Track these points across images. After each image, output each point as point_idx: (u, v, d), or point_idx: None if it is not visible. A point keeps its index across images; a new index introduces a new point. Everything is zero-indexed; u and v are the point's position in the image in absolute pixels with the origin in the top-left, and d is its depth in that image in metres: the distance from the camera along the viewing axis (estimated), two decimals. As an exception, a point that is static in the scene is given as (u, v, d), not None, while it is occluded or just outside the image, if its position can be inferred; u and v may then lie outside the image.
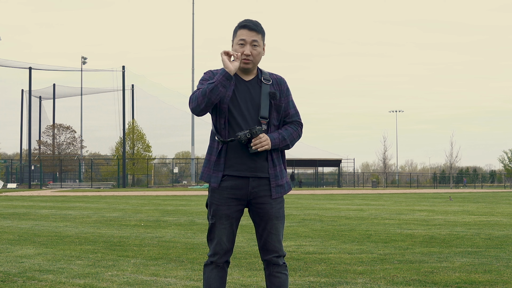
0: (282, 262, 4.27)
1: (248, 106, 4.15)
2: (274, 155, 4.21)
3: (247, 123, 4.13)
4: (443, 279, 6.77)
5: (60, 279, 6.77)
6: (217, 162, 4.17)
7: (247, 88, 4.18)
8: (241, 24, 4.17)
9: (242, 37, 4.14)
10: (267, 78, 4.23)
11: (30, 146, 74.91)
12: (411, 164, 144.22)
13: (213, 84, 3.99)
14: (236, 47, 4.16)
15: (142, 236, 11.40)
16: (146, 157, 78.50)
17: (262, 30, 4.21)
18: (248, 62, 4.15)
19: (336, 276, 6.97)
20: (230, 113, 4.14)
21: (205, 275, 4.24)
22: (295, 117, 4.31)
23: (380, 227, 13.54)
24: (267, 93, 4.18)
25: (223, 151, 4.15)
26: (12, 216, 17.35)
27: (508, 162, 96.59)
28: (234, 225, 4.20)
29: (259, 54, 4.18)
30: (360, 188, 73.95)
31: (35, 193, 42.88)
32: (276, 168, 4.21)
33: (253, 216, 4.24)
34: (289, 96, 4.30)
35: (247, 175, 4.14)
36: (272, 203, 4.19)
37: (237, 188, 4.14)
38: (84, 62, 74.88)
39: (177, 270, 7.37)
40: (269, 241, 4.22)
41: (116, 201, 28.46)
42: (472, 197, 36.15)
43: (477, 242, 10.47)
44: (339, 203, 25.98)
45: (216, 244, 4.19)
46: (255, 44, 4.15)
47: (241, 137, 4.05)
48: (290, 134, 4.23)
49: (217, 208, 4.17)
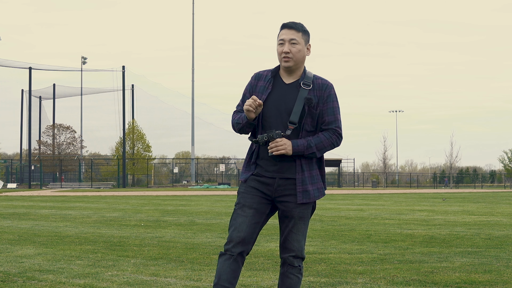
0: (298, 264, 4.25)
1: (281, 110, 4.15)
2: (303, 160, 4.17)
3: (276, 126, 4.15)
4: (443, 279, 6.77)
5: (60, 279, 6.77)
6: (249, 162, 4.26)
7: (284, 91, 4.19)
8: (282, 24, 4.24)
9: (282, 36, 4.21)
10: (307, 83, 4.18)
11: (30, 146, 74.90)
12: (411, 164, 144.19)
13: (240, 125, 4.21)
14: (277, 47, 4.22)
15: (142, 236, 11.40)
16: (146, 157, 78.50)
17: (303, 29, 4.23)
18: (288, 59, 4.16)
19: (336, 276, 6.97)
20: (263, 115, 4.18)
21: (218, 266, 4.20)
22: (332, 124, 4.21)
23: (380, 227, 13.54)
24: (303, 98, 4.14)
25: (255, 152, 4.24)
26: (12, 216, 17.34)
27: (508, 162, 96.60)
28: (256, 217, 4.17)
29: (299, 51, 4.17)
30: (360, 188, 73.93)
31: (35, 193, 42.85)
32: (305, 173, 4.18)
33: (279, 214, 4.29)
34: (330, 103, 4.22)
35: (274, 175, 4.18)
36: (296, 205, 4.20)
37: (263, 183, 4.19)
38: (84, 62, 74.86)
39: (177, 270, 7.37)
40: (289, 240, 4.23)
41: (116, 201, 28.45)
42: (472, 197, 36.15)
43: (477, 242, 10.47)
44: (339, 203, 25.97)
45: (233, 231, 4.17)
46: (294, 42, 4.17)
47: (259, 140, 4.13)
48: (321, 141, 4.16)
49: (242, 196, 4.23)
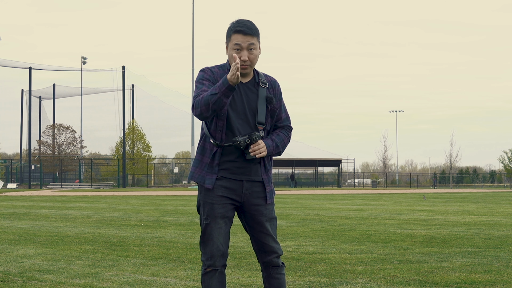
0: (281, 262, 4.24)
1: (246, 111, 4.06)
2: (266, 160, 4.17)
3: (244, 128, 4.05)
4: (443, 279, 6.77)
5: (60, 279, 6.77)
6: (210, 164, 4.07)
7: (244, 91, 4.08)
8: (235, 28, 4.00)
9: (237, 41, 3.99)
10: (264, 81, 4.13)
11: (30, 146, 74.91)
12: (411, 164, 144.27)
13: (216, 96, 3.83)
14: (231, 52, 4.00)
15: (142, 236, 11.40)
16: (146, 157, 78.49)
17: (257, 31, 4.05)
18: (246, 67, 4.04)
19: (336, 276, 6.97)
20: (228, 117, 4.03)
21: (205, 284, 4.07)
22: (286, 121, 4.25)
23: (380, 227, 13.54)
24: (264, 97, 4.09)
25: (217, 154, 4.06)
26: (12, 216, 17.34)
27: (508, 162, 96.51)
28: (229, 225, 4.11)
29: (256, 57, 4.06)
30: (360, 188, 73.94)
31: (35, 193, 42.86)
32: (268, 173, 4.19)
33: (246, 219, 4.17)
34: (282, 100, 4.22)
35: (242, 178, 4.09)
36: (266, 206, 4.16)
37: (231, 189, 4.08)
38: (84, 62, 74.87)
39: (177, 270, 7.37)
40: (266, 243, 4.16)
41: (116, 201, 28.44)
42: (472, 197, 36.14)
43: (477, 242, 10.47)
44: (339, 203, 25.97)
45: (212, 246, 4.05)
46: (252, 48, 4.02)
47: (240, 143, 3.98)
48: (282, 140, 4.18)
49: (211, 207, 4.06)
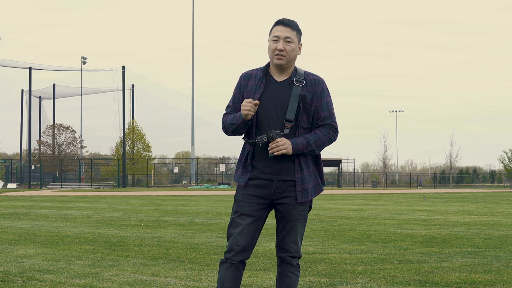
0: (296, 263, 4.27)
1: (276, 108, 4.09)
2: (302, 158, 4.13)
3: (272, 125, 4.07)
4: (443, 279, 6.77)
5: (60, 279, 6.77)
6: (245, 163, 4.18)
7: (277, 89, 4.12)
8: (276, 21, 4.15)
9: (276, 33, 4.11)
10: (300, 80, 4.13)
11: (30, 146, 74.90)
12: (411, 164, 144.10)
13: (234, 126, 4.11)
14: (270, 44, 4.12)
15: (142, 236, 11.40)
16: (146, 157, 78.49)
17: (298, 28, 4.15)
18: (281, 58, 4.09)
19: (336, 276, 6.97)
20: (257, 115, 4.10)
21: (220, 273, 4.20)
22: (328, 120, 4.18)
23: (380, 227, 13.54)
24: (297, 95, 4.08)
25: (250, 153, 4.16)
26: (12, 216, 17.34)
27: (508, 162, 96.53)
28: (255, 224, 4.16)
29: (293, 50, 4.11)
30: (360, 188, 73.93)
31: (35, 193, 42.85)
32: (304, 171, 4.14)
33: (276, 215, 4.26)
34: (324, 98, 4.17)
35: (272, 177, 4.12)
36: (295, 205, 4.17)
37: (261, 187, 4.14)
38: (84, 62, 74.87)
39: (177, 270, 7.37)
40: (286, 241, 4.22)
41: (116, 201, 28.44)
42: (472, 197, 36.14)
43: (477, 242, 10.47)
44: (339, 203, 25.97)
45: (232, 240, 4.15)
46: (289, 40, 4.10)
47: (259, 141, 4.05)
48: (319, 138, 4.12)
49: (239, 204, 4.17)
